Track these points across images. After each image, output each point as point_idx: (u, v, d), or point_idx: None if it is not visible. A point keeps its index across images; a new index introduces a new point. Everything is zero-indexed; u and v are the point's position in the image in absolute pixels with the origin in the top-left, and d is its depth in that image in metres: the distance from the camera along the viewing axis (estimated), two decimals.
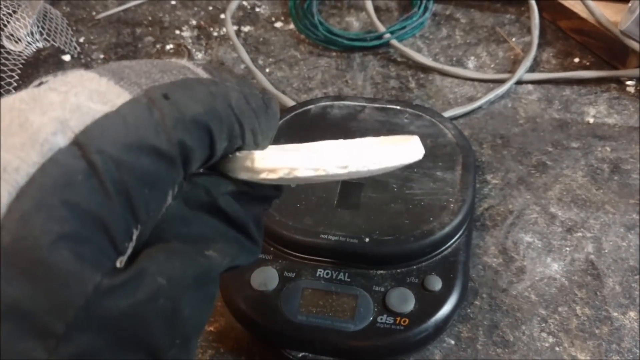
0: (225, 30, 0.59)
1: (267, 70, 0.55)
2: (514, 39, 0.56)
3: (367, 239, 0.35)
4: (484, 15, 0.59)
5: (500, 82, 0.51)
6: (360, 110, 0.43)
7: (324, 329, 0.33)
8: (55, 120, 0.16)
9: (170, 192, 0.18)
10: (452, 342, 0.35)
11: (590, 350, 0.34)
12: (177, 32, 0.60)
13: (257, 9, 0.62)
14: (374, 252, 0.35)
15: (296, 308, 0.33)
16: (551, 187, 0.43)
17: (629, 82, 0.50)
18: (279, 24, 0.60)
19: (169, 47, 0.58)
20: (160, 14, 0.62)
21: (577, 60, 0.53)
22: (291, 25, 0.59)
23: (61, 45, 0.56)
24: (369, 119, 0.43)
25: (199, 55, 0.57)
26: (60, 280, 0.15)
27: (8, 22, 0.49)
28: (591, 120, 0.48)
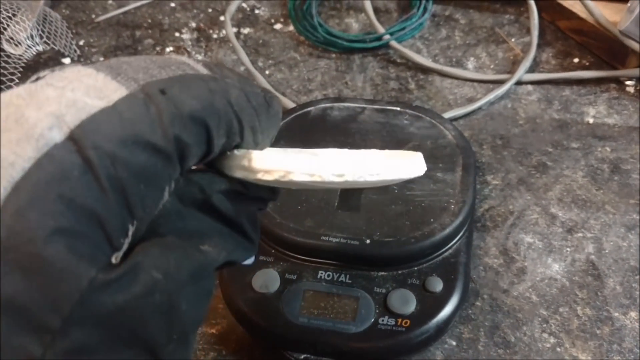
0: (224, 32, 0.59)
1: (267, 72, 0.55)
2: (513, 40, 0.56)
3: (368, 241, 0.35)
4: (483, 15, 0.59)
5: (500, 82, 0.51)
6: (360, 111, 0.43)
7: (325, 330, 0.33)
8: (51, 115, 0.16)
9: (167, 188, 0.18)
10: (454, 343, 0.35)
11: (592, 350, 0.34)
12: (177, 34, 0.60)
13: (257, 11, 0.62)
14: (375, 253, 0.35)
15: (297, 310, 0.33)
16: (551, 187, 0.43)
17: (628, 82, 0.50)
18: (278, 26, 0.60)
19: (169, 49, 0.58)
20: (160, 17, 0.62)
21: (576, 60, 0.53)
22: (291, 27, 0.59)
23: (61, 48, 0.56)
24: (369, 120, 0.43)
25: (199, 58, 0.57)
26: (55, 275, 0.15)
27: (8, 26, 0.49)
28: (591, 120, 0.48)
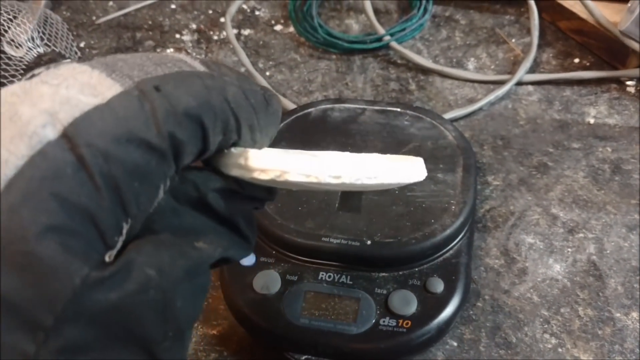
0: (225, 33, 0.59)
1: (267, 73, 0.55)
2: (513, 40, 0.56)
3: (369, 242, 0.35)
4: (484, 16, 0.59)
5: (501, 83, 0.51)
6: (361, 112, 0.43)
7: (326, 331, 0.33)
8: (45, 113, 0.16)
9: (162, 185, 0.18)
10: (455, 344, 0.35)
11: (593, 351, 0.34)
12: (177, 36, 0.60)
13: (257, 12, 0.62)
14: (376, 254, 0.35)
15: (298, 311, 0.33)
16: (552, 188, 0.43)
17: (629, 82, 0.50)
18: (278, 27, 0.60)
19: (170, 51, 0.58)
20: (161, 18, 0.62)
21: (577, 60, 0.53)
22: (291, 28, 0.59)
23: (62, 50, 0.56)
24: (369, 121, 0.43)
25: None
26: (48, 273, 0.15)
27: (9, 28, 0.49)
28: (592, 120, 0.48)
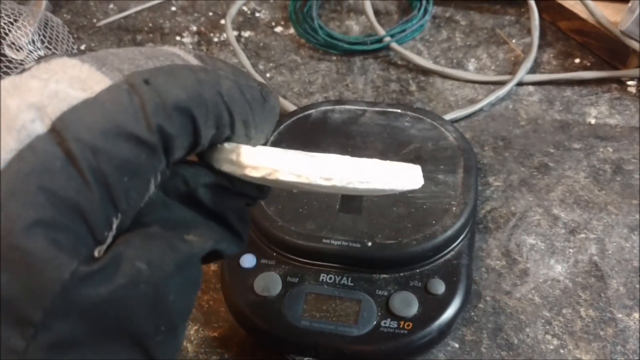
0: (225, 35, 0.59)
1: (268, 75, 0.55)
2: (514, 41, 0.56)
3: (370, 243, 0.35)
4: (484, 17, 0.59)
5: (501, 83, 0.51)
6: (361, 114, 0.43)
7: (327, 333, 0.33)
8: (33, 107, 0.16)
9: (152, 180, 0.18)
10: (456, 346, 0.35)
11: (595, 352, 0.34)
12: (178, 38, 0.60)
13: (257, 14, 0.62)
14: (377, 256, 0.35)
15: (299, 313, 0.33)
16: (553, 188, 0.43)
17: (630, 82, 0.50)
18: (279, 29, 0.60)
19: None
20: (161, 21, 0.62)
21: (577, 61, 0.53)
22: (291, 30, 0.59)
23: (62, 53, 0.56)
24: (370, 122, 0.43)
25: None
26: (36, 267, 0.15)
27: (9, 31, 0.49)
28: (593, 121, 0.48)
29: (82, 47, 0.60)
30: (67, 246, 0.15)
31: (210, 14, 0.63)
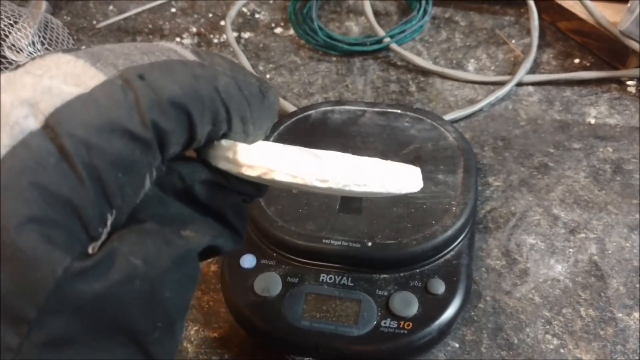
0: (225, 36, 0.59)
1: (268, 76, 0.55)
2: (513, 41, 0.56)
3: (370, 244, 0.35)
4: (483, 17, 0.59)
5: (501, 84, 0.51)
6: (361, 114, 0.43)
7: (327, 334, 0.33)
8: (25, 103, 0.16)
9: (148, 176, 0.18)
10: (457, 345, 0.35)
11: (595, 351, 0.34)
12: (178, 39, 0.60)
13: (257, 15, 0.62)
14: (377, 256, 0.35)
15: (299, 313, 0.33)
16: (553, 188, 0.43)
17: (629, 82, 0.50)
18: (278, 30, 0.60)
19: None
20: (161, 22, 0.62)
21: (577, 61, 0.53)
22: (291, 31, 0.60)
23: None
24: (369, 123, 0.43)
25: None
26: (29, 263, 0.15)
27: (9, 33, 0.49)
28: (592, 121, 0.48)
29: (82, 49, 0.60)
30: (60, 243, 0.15)
31: (210, 15, 0.63)
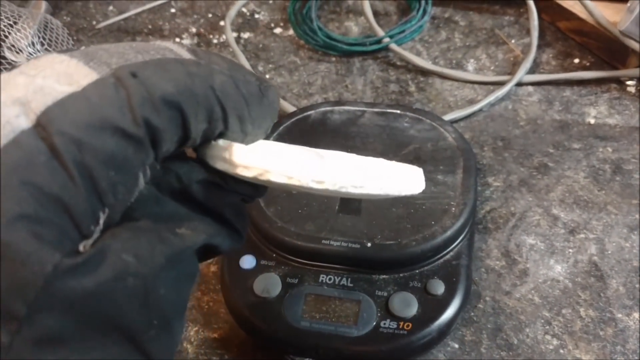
0: (224, 37, 0.59)
1: (267, 76, 0.55)
2: (513, 41, 0.56)
3: (369, 244, 0.35)
4: (483, 17, 0.59)
5: (500, 84, 0.51)
6: (361, 115, 0.43)
7: (327, 334, 0.33)
8: (17, 102, 0.16)
9: (141, 174, 0.18)
10: (456, 346, 0.35)
11: (595, 352, 0.34)
12: (177, 39, 0.60)
13: (257, 16, 0.62)
14: (376, 257, 0.35)
15: (299, 314, 0.33)
16: (553, 188, 0.43)
17: (629, 82, 0.50)
18: (278, 30, 0.60)
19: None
20: (160, 22, 0.62)
21: (577, 61, 0.53)
22: (290, 31, 0.60)
23: None
24: (369, 123, 0.43)
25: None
26: (18, 261, 0.15)
27: (9, 34, 0.50)
28: (592, 120, 0.48)
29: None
30: (50, 240, 0.15)
31: (210, 15, 0.63)
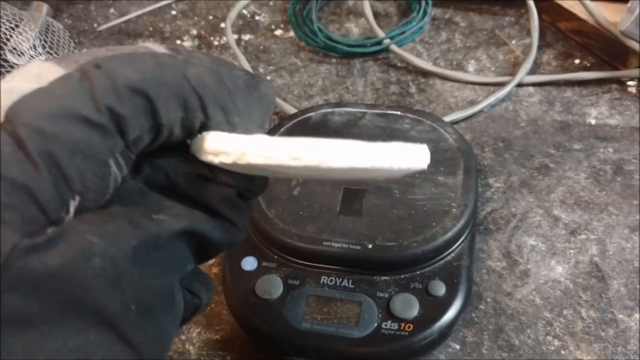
0: (225, 39, 0.59)
1: (268, 78, 0.55)
2: (513, 42, 0.56)
3: (370, 245, 0.35)
4: (483, 18, 0.59)
5: (501, 85, 0.51)
6: (361, 116, 0.43)
7: (328, 336, 0.33)
8: None
9: (112, 162, 0.18)
10: (457, 347, 0.35)
11: (596, 353, 0.34)
12: (178, 42, 0.60)
13: (257, 17, 0.62)
14: (378, 258, 0.35)
15: (301, 315, 0.33)
16: (554, 189, 0.43)
17: (630, 83, 0.50)
18: (278, 32, 0.60)
19: None
20: (161, 25, 0.63)
21: (577, 61, 0.53)
22: (291, 33, 0.60)
23: None
24: (370, 125, 0.43)
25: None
26: None
27: (11, 36, 0.50)
28: (593, 121, 0.48)
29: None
30: (11, 222, 0.16)
31: (211, 17, 0.63)
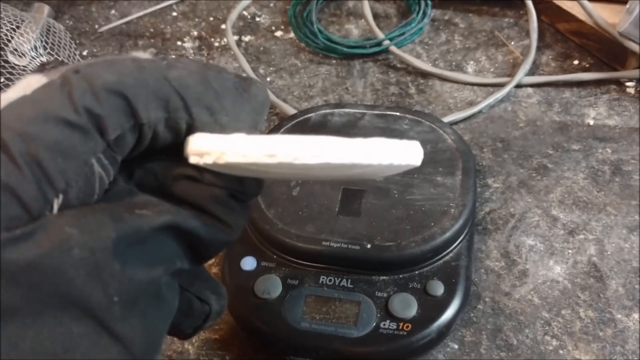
0: (226, 40, 0.59)
1: (268, 79, 0.55)
2: (512, 43, 0.56)
3: (369, 245, 0.35)
4: (483, 19, 0.59)
5: (500, 85, 0.51)
6: (361, 117, 0.44)
7: (327, 335, 0.33)
8: None
9: (94, 161, 0.18)
10: (456, 347, 0.35)
11: (595, 352, 0.34)
12: (179, 43, 0.60)
13: (258, 19, 0.63)
14: (376, 258, 0.35)
15: (299, 315, 0.34)
16: (552, 189, 0.43)
17: (628, 84, 0.50)
18: (279, 33, 0.61)
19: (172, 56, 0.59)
20: (162, 26, 0.63)
21: (576, 62, 0.53)
22: (291, 34, 0.60)
23: (64, 59, 0.56)
24: (369, 125, 0.43)
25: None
26: None
27: (12, 37, 0.50)
28: (591, 122, 0.48)
29: (84, 53, 0.60)
30: None
31: (211, 18, 0.63)
